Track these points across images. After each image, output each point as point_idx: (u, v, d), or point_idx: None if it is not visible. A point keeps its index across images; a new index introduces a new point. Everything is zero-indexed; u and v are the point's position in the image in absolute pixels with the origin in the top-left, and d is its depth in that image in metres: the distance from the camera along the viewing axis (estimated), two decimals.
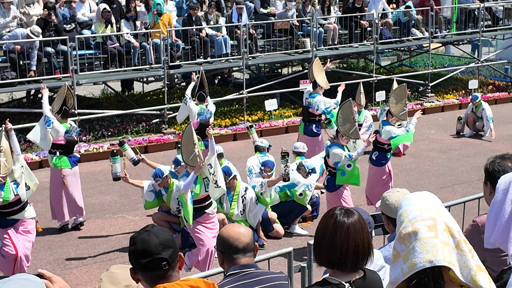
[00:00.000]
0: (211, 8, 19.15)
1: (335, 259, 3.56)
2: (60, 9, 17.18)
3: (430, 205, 2.76)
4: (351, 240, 3.55)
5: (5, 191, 9.18)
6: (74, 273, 10.24)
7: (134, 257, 3.52)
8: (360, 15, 21.03)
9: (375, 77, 21.14)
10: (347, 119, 10.90)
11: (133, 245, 3.54)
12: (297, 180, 11.65)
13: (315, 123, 14.16)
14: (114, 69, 17.16)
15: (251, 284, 4.25)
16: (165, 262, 3.48)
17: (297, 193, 11.62)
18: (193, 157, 9.49)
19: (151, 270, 3.50)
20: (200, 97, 13.73)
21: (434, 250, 2.61)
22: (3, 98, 21.06)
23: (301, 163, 11.99)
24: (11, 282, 2.83)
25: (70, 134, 11.90)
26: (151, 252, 3.47)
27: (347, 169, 10.67)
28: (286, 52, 20.11)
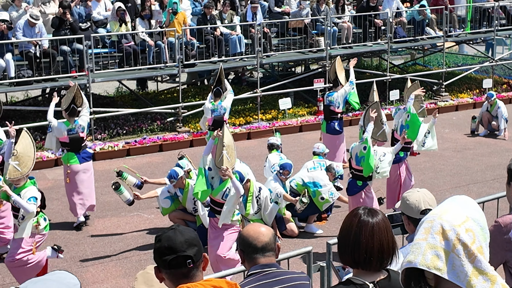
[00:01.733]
0: (226, 7, 19.18)
1: (360, 258, 3.56)
2: (76, 8, 17.28)
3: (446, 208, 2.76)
4: (376, 238, 3.55)
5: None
6: (91, 271, 10.28)
7: (159, 254, 3.53)
8: (374, 14, 21.00)
9: (389, 76, 21.11)
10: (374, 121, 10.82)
11: (158, 242, 3.54)
12: (324, 182, 11.56)
13: (337, 120, 14.16)
14: (129, 68, 17.23)
15: (272, 284, 4.25)
16: (190, 260, 3.49)
17: (319, 196, 11.54)
18: (221, 158, 9.44)
19: (175, 267, 3.49)
20: (217, 93, 13.82)
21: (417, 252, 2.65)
22: (19, 97, 21.17)
23: (332, 166, 11.83)
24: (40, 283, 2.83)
25: (74, 132, 11.91)
26: (176, 249, 3.47)
27: (364, 151, 10.51)
28: (300, 51, 20.10)
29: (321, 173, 11.68)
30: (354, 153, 10.69)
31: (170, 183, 11.07)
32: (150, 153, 16.59)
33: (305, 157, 15.15)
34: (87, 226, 12.08)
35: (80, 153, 12.03)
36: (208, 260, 3.65)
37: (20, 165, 8.96)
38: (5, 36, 15.43)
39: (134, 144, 16.66)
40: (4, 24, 15.31)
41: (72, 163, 11.87)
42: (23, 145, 9.18)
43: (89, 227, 12.08)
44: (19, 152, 9.02)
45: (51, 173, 14.81)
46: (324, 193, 11.51)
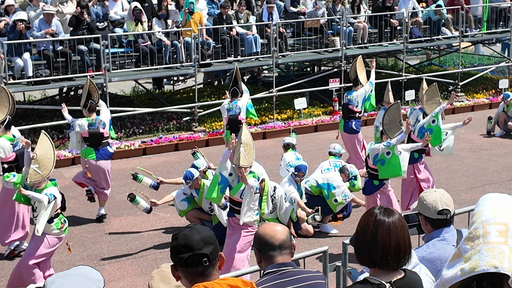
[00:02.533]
0: (242, 7, 19.23)
1: (377, 257, 3.57)
2: (93, 8, 17.38)
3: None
4: (393, 237, 3.56)
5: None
6: (107, 269, 10.34)
7: (175, 252, 3.54)
8: (390, 14, 20.98)
9: (405, 76, 21.09)
10: (393, 122, 10.76)
11: (175, 240, 3.56)
12: (337, 183, 11.57)
13: (355, 120, 14.19)
14: (146, 67, 17.32)
15: (288, 283, 4.25)
16: (206, 258, 3.50)
17: (333, 198, 11.56)
18: (238, 156, 9.48)
19: (192, 265, 3.51)
20: (233, 93, 13.91)
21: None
22: (36, 96, 21.31)
23: (345, 167, 11.85)
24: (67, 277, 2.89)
25: (95, 127, 12.09)
26: (192, 247, 3.49)
27: (387, 156, 10.47)
28: (316, 51, 20.13)
29: (335, 175, 11.70)
30: (373, 153, 10.64)
31: (186, 184, 11.14)
32: (166, 152, 16.67)
33: (320, 157, 15.18)
34: (103, 225, 12.17)
35: (99, 150, 12.17)
36: (224, 259, 3.66)
37: (40, 168, 8.99)
38: (23, 35, 15.56)
39: (150, 143, 16.75)
40: (22, 24, 15.44)
41: (89, 158, 12.04)
42: (43, 148, 9.19)
43: (106, 225, 12.17)
44: (39, 155, 9.05)
45: (68, 172, 14.91)
46: (338, 195, 11.53)
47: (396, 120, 10.78)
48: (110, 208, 12.89)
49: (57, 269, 10.04)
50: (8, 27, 15.82)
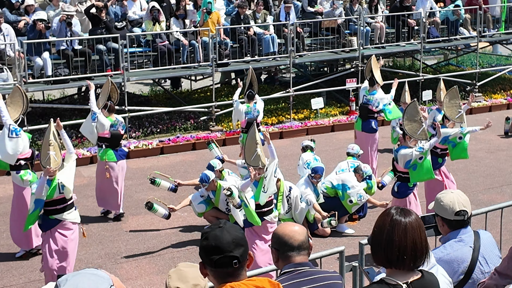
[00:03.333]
0: (259, 7, 19.28)
1: (393, 257, 3.58)
2: (112, 7, 17.50)
3: None
4: (409, 237, 3.58)
5: (52, 187, 9.07)
6: (125, 268, 10.41)
7: (206, 252, 3.53)
8: (408, 13, 20.95)
9: (422, 76, 21.06)
10: (413, 120, 10.66)
11: (205, 240, 3.54)
12: (352, 184, 11.56)
13: (373, 119, 14.22)
14: (163, 67, 17.42)
15: (305, 283, 4.25)
16: (236, 260, 3.50)
17: (348, 199, 11.56)
18: (255, 157, 9.46)
19: (221, 267, 3.51)
20: (249, 95, 13.93)
21: None
22: (55, 95, 21.46)
23: (359, 167, 11.87)
24: (79, 275, 2.95)
25: (115, 128, 12.24)
26: (223, 249, 3.49)
27: (419, 161, 10.43)
28: (333, 51, 20.13)
29: (350, 175, 11.72)
30: (405, 159, 10.52)
31: (202, 187, 11.22)
32: (184, 151, 16.75)
33: (337, 157, 15.19)
34: (121, 224, 12.25)
35: (118, 150, 12.29)
36: (253, 259, 3.65)
37: (56, 155, 9.06)
38: (43, 35, 15.69)
39: (168, 142, 16.84)
40: (42, 23, 15.57)
41: (110, 160, 12.14)
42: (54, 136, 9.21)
43: (124, 224, 12.25)
44: (54, 142, 9.09)
45: (86, 171, 15.03)
46: (353, 196, 11.53)
47: (416, 117, 10.72)
48: (127, 207, 12.98)
49: (75, 267, 10.10)
50: (28, 27, 15.96)
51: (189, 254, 10.86)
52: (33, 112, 17.29)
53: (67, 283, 2.91)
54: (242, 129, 14.04)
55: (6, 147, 10.50)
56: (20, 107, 10.99)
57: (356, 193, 11.54)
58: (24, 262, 10.64)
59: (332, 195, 11.80)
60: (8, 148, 10.51)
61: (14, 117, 10.82)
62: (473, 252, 4.79)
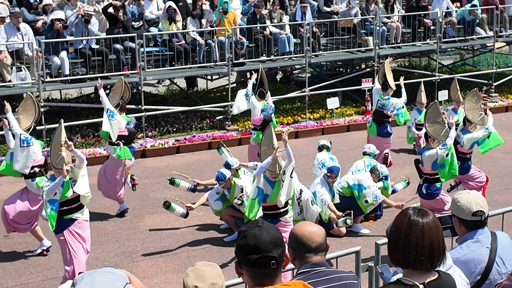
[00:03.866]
0: (275, 6, 19.31)
1: (410, 257, 3.58)
2: (129, 7, 17.60)
3: None
4: (426, 237, 3.57)
5: (64, 187, 9.09)
6: (141, 266, 10.47)
7: (243, 252, 3.49)
8: (424, 13, 20.91)
9: (438, 76, 21.01)
10: (435, 121, 10.59)
11: (243, 239, 3.50)
12: (368, 184, 11.54)
13: (388, 124, 14.25)
14: (180, 66, 17.49)
15: (321, 283, 4.24)
16: (274, 261, 3.44)
17: (363, 199, 11.54)
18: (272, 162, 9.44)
19: (259, 267, 3.46)
20: (261, 94, 13.94)
21: None
22: (72, 94, 21.59)
23: (376, 168, 11.88)
24: (95, 273, 2.97)
25: (130, 125, 12.34)
26: (261, 249, 3.43)
27: (446, 158, 10.37)
28: (349, 51, 20.13)
29: (366, 175, 11.72)
30: (431, 160, 10.43)
31: (218, 185, 11.29)
32: (199, 150, 16.80)
33: (353, 157, 15.19)
34: (138, 222, 12.32)
35: (131, 148, 12.45)
36: (289, 260, 3.62)
37: (68, 155, 9.10)
38: (61, 34, 15.80)
39: (184, 141, 16.91)
40: (60, 23, 15.68)
41: (128, 158, 12.30)
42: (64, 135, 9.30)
43: (140, 222, 12.31)
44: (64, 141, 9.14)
45: None
46: (368, 196, 11.51)
47: (438, 118, 10.62)
48: (144, 205, 13.06)
49: (92, 265, 10.21)
50: (46, 26, 16.08)
51: (205, 253, 10.91)
52: (51, 111, 17.40)
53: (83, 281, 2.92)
54: (255, 127, 13.95)
55: (19, 157, 10.56)
56: (32, 115, 10.99)
57: (372, 193, 11.52)
58: (41, 260, 10.73)
59: (348, 195, 11.80)
60: (21, 158, 10.57)
61: (26, 125, 10.84)
62: (490, 253, 4.79)
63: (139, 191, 13.32)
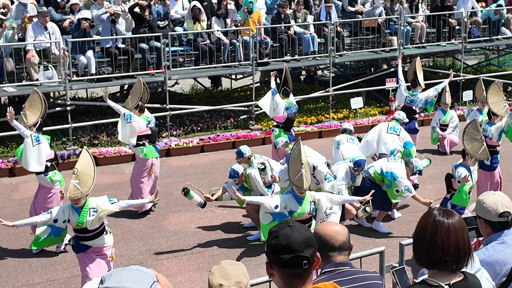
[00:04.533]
0: (300, 6, 19.33)
1: (436, 258, 3.56)
2: (155, 6, 17.71)
3: None
4: (452, 238, 3.55)
5: (82, 215, 8.86)
6: (165, 264, 10.54)
7: (275, 252, 3.45)
8: (449, 13, 20.82)
9: (463, 77, 20.91)
10: (474, 139, 10.46)
11: (275, 239, 3.46)
12: (401, 175, 11.26)
13: (415, 120, 14.26)
14: (204, 66, 17.58)
15: (345, 282, 4.23)
16: (306, 261, 3.42)
17: (394, 188, 11.25)
18: (299, 177, 9.31)
19: (291, 267, 3.43)
20: (285, 93, 14.01)
21: None
22: (98, 93, 21.75)
23: (410, 161, 11.61)
24: (124, 271, 2.97)
25: (151, 124, 12.54)
26: (293, 249, 3.41)
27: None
28: (373, 51, 20.10)
29: (400, 166, 11.39)
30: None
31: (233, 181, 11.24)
32: (223, 150, 16.86)
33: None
34: (162, 220, 12.40)
35: (155, 146, 12.56)
36: (319, 260, 3.59)
37: (80, 184, 8.78)
38: (87, 34, 15.95)
39: (208, 140, 16.98)
40: (86, 22, 15.83)
41: (154, 156, 12.43)
42: (84, 163, 8.99)
43: (164, 221, 12.39)
44: (80, 170, 8.85)
45: (128, 168, 15.17)
46: (401, 186, 11.17)
47: (476, 136, 10.38)
48: (168, 204, 13.14)
49: (117, 263, 10.25)
50: (73, 26, 16.24)
51: (228, 252, 10.95)
52: (77, 110, 17.56)
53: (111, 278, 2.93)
54: (277, 124, 14.00)
55: (33, 157, 10.69)
56: (39, 110, 11.04)
57: (404, 184, 11.21)
58: (67, 257, 10.82)
59: (378, 182, 11.51)
60: (35, 157, 10.70)
61: (32, 121, 10.90)
62: None
63: (164, 189, 13.40)
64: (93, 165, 8.99)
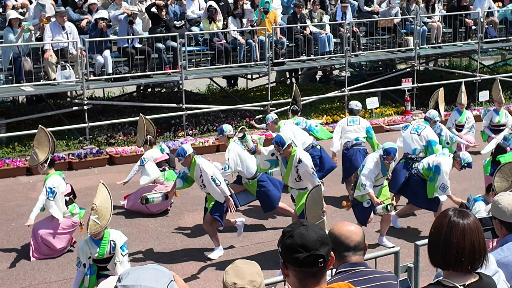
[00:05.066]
0: (316, 6, 19.35)
1: (451, 258, 3.56)
2: (171, 6, 17.79)
3: None
4: (467, 239, 3.54)
5: (102, 247, 8.89)
6: (181, 264, 10.53)
7: (290, 251, 3.45)
8: (465, 13, 20.77)
9: (479, 77, 20.85)
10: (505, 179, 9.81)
11: (290, 238, 3.46)
12: (446, 171, 10.96)
13: None
14: (220, 65, 17.63)
15: (361, 282, 4.21)
16: (322, 259, 3.42)
17: (435, 184, 11.05)
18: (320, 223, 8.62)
19: (306, 266, 3.43)
20: (294, 110, 13.94)
21: None
22: (115, 92, 21.87)
23: (458, 154, 11.21)
24: (142, 270, 3.00)
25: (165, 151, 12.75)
26: (309, 248, 3.40)
27: None
28: (389, 50, 20.09)
29: (448, 161, 11.11)
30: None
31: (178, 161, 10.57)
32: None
33: None
34: (178, 219, 12.44)
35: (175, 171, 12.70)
36: (334, 259, 3.59)
37: (99, 218, 8.83)
38: (104, 33, 16.05)
39: None
40: (104, 22, 15.93)
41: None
42: (101, 198, 9.01)
43: (180, 220, 12.43)
44: (98, 205, 8.88)
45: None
46: (439, 182, 10.95)
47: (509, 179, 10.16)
48: (184, 203, 13.18)
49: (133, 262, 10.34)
50: (90, 25, 16.35)
51: (243, 251, 10.97)
52: (94, 109, 17.67)
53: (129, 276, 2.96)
54: None
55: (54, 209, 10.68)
56: (47, 146, 11.04)
57: (442, 182, 10.95)
58: None
59: (425, 177, 11.26)
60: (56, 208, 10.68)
61: (43, 158, 10.89)
62: None
63: None
64: (110, 197, 9.03)
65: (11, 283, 10.01)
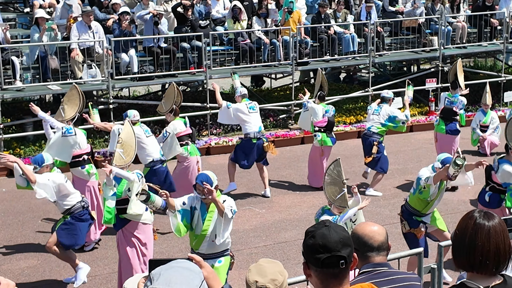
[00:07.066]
0: (340, 6, 19.36)
1: (475, 261, 3.53)
2: (196, 6, 17.89)
3: None
4: (492, 241, 3.51)
5: (120, 185, 8.94)
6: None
7: (312, 252, 3.44)
8: (491, 13, 20.66)
9: (504, 77, 20.73)
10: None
11: (312, 238, 3.44)
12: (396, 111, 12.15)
13: (456, 121, 14.22)
14: (245, 65, 17.70)
15: (384, 283, 4.23)
16: (343, 260, 3.41)
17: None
18: (342, 197, 8.92)
19: (328, 267, 3.42)
20: (320, 97, 14.05)
21: None
22: (140, 91, 22.01)
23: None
24: (172, 270, 2.94)
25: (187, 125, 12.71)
26: (330, 249, 3.39)
27: None
28: (413, 51, 20.04)
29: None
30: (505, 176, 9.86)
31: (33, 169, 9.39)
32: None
33: (415, 157, 15.19)
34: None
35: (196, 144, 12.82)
36: (356, 260, 3.58)
37: (124, 153, 8.95)
38: (130, 33, 16.17)
39: None
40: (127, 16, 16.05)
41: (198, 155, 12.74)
42: (126, 133, 9.19)
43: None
44: (124, 139, 9.03)
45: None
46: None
47: None
48: None
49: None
50: (115, 25, 16.47)
51: (266, 251, 11.02)
52: (119, 108, 17.74)
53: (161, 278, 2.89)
54: (319, 128, 13.95)
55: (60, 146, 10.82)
56: (77, 105, 11.20)
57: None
58: (108, 253, 10.99)
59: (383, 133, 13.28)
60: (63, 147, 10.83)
61: (70, 115, 11.07)
62: None
63: None
64: (135, 136, 9.20)
65: (37, 279, 10.15)
